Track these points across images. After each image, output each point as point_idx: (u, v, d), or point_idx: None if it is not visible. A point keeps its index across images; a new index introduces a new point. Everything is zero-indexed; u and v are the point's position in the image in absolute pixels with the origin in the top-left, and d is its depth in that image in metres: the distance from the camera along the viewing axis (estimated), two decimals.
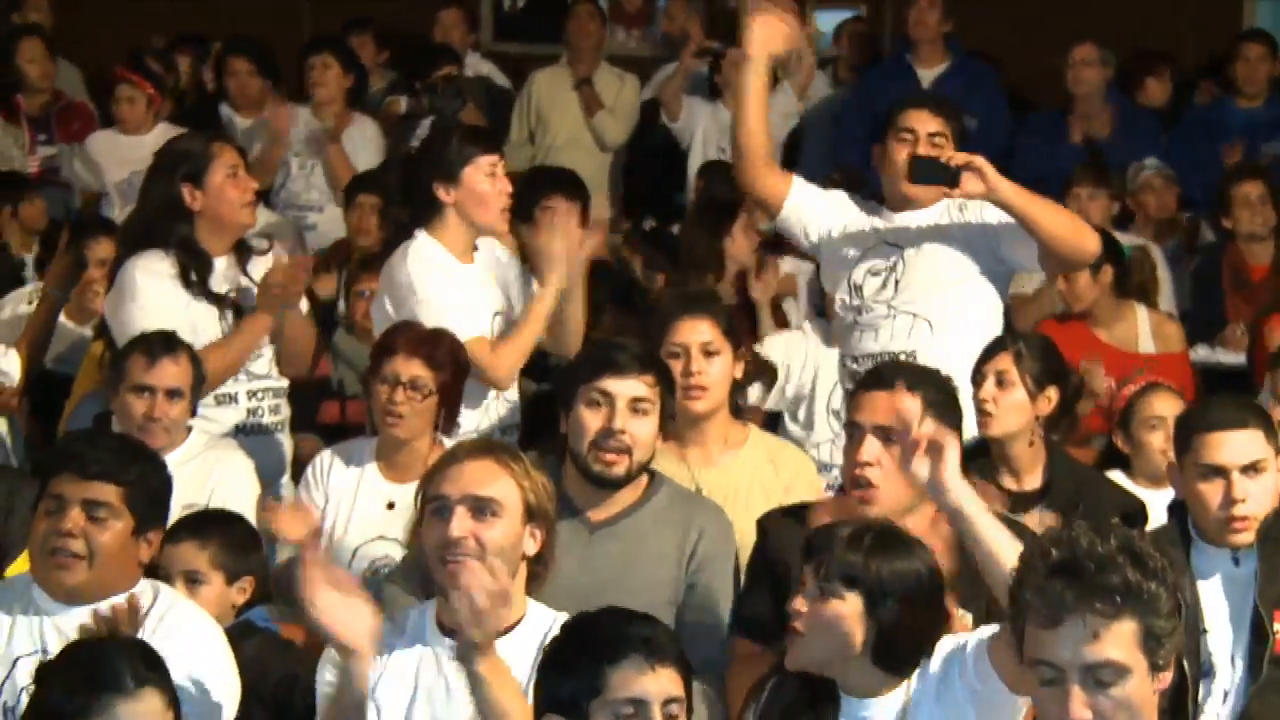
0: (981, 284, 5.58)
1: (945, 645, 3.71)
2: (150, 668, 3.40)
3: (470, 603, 3.50)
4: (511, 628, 3.82)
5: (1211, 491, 4.43)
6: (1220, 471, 4.43)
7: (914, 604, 3.65)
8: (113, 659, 3.40)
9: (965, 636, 3.70)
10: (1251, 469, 4.42)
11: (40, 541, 4.04)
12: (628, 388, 4.56)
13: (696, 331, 5.16)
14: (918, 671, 3.70)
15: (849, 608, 3.62)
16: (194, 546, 4.69)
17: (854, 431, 4.35)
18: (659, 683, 3.29)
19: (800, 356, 6.47)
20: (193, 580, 4.65)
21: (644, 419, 4.57)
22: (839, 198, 5.74)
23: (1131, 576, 3.07)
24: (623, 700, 3.27)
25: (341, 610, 3.53)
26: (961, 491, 3.75)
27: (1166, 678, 3.11)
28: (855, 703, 3.69)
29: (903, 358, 5.36)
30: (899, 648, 3.65)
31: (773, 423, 6.34)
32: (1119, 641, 3.08)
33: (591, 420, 4.54)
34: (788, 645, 3.68)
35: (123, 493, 4.06)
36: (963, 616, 4.08)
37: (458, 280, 5.59)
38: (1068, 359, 5.57)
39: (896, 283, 5.55)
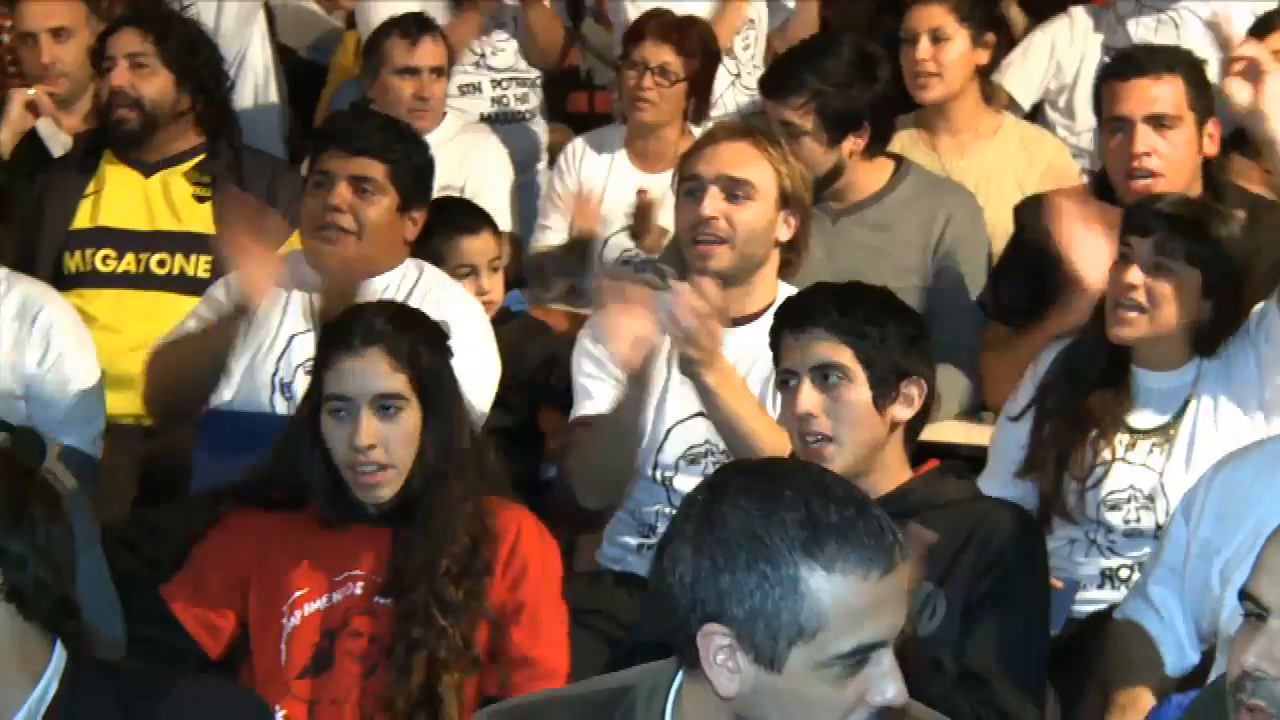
0: None
1: None
2: (394, 325, 3.32)
3: (680, 323, 3.50)
4: (761, 313, 3.83)
5: None
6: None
7: (1241, 282, 3.64)
8: (354, 320, 3.35)
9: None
10: None
11: (310, 218, 4.11)
12: None
13: (928, 17, 5.07)
14: None
15: (1189, 283, 3.62)
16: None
17: (1122, 125, 4.23)
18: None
19: (1066, 42, 6.27)
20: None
21: None
22: None
23: None
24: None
25: (623, 329, 3.54)
26: None
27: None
28: (1149, 374, 3.70)
29: None
30: (1219, 326, 3.65)
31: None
32: None
33: None
34: (1116, 317, 3.66)
35: (388, 169, 4.09)
36: None
37: None
38: None
39: None
